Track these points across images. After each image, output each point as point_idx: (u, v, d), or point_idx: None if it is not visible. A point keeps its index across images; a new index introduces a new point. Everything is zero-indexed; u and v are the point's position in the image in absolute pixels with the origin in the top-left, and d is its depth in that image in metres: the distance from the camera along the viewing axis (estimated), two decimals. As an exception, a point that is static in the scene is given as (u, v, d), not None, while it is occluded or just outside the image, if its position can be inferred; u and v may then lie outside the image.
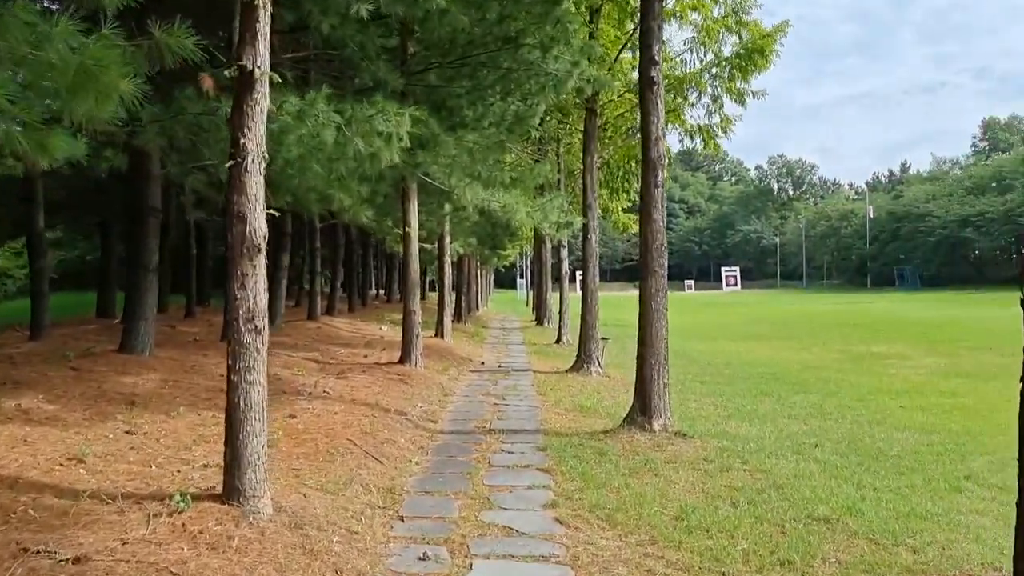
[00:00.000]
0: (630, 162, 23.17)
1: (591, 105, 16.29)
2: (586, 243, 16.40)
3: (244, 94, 5.55)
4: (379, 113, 7.51)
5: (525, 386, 14.24)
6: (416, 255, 14.06)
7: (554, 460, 8.48)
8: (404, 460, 8.27)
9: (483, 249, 36.04)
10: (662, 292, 9.95)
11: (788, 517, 6.67)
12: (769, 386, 15.31)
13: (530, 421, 10.81)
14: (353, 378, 12.37)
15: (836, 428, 10.98)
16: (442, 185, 12.10)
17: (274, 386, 10.77)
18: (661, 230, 9.93)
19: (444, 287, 21.55)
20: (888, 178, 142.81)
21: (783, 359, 21.09)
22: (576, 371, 16.24)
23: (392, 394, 11.57)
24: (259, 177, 5.57)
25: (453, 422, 10.64)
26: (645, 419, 9.78)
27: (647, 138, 9.93)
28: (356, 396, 10.95)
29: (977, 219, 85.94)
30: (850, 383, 15.79)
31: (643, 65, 10.03)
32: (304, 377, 12.02)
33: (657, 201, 9.89)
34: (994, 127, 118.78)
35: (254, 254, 5.53)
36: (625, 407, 12.40)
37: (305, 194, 9.17)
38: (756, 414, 12.08)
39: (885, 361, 20.07)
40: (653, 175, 9.88)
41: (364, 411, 9.95)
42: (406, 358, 14.17)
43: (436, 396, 12.44)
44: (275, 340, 16.46)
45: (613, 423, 10.59)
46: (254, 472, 5.56)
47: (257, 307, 5.57)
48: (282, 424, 8.62)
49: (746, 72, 15.93)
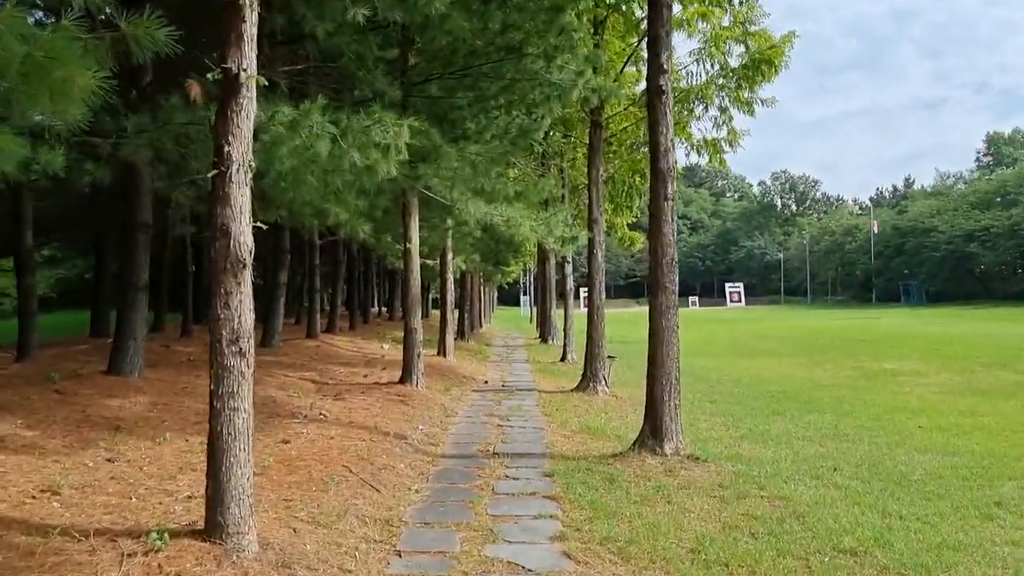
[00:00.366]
0: (635, 176, 22.85)
1: (596, 118, 15.92)
2: (592, 258, 15.99)
3: (229, 99, 5.17)
4: (376, 124, 7.12)
5: (530, 406, 13.80)
6: (417, 271, 13.66)
7: (561, 487, 8.04)
8: (403, 488, 7.83)
9: (486, 265, 35.67)
10: (673, 309, 9.53)
11: (812, 550, 6.22)
12: (781, 405, 14.86)
13: (535, 444, 10.37)
14: (351, 399, 11.94)
15: (854, 450, 10.52)
16: (444, 199, 11.71)
17: (268, 409, 10.38)
18: (671, 244, 9.52)
19: (446, 304, 21.15)
20: (892, 193, 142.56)
21: (793, 376, 20.65)
22: (582, 390, 15.79)
23: (392, 416, 11.14)
24: (245, 188, 5.18)
25: (455, 445, 10.20)
26: (656, 442, 9.33)
27: (656, 149, 9.54)
28: (354, 418, 10.52)
29: (982, 234, 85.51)
30: (864, 402, 15.34)
31: (651, 73, 9.65)
32: (300, 399, 11.60)
33: (667, 214, 9.49)
34: (998, 141, 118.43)
35: (239, 270, 5.13)
36: (634, 428, 11.97)
37: (300, 208, 8.78)
38: (769, 435, 11.64)
39: (898, 378, 19.63)
40: (663, 187, 9.48)
41: (362, 435, 9.52)
42: (407, 378, 13.74)
43: (438, 417, 12.00)
44: (272, 359, 16.07)
45: (622, 446, 10.15)
46: (238, 507, 5.13)
47: (242, 327, 5.16)
48: (274, 450, 8.20)
49: (753, 82, 15.57)
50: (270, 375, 13.52)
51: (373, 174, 7.39)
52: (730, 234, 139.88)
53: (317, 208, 8.82)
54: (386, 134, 7.09)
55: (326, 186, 8.12)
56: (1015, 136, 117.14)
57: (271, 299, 18.32)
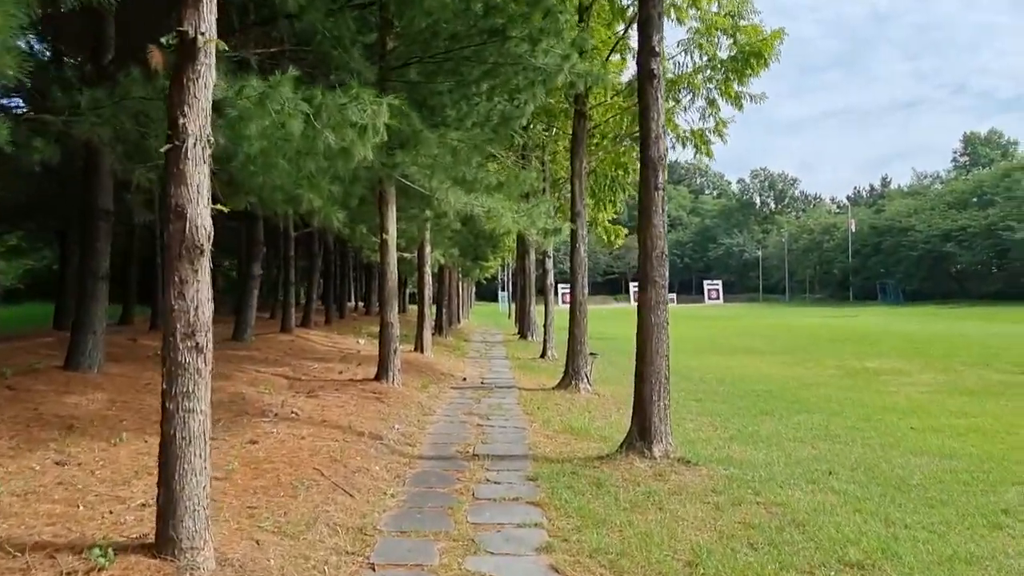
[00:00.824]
0: (618, 170, 22.44)
1: (580, 107, 15.46)
2: (574, 252, 15.54)
3: (185, 66, 4.65)
4: (353, 101, 6.60)
5: (510, 405, 13.32)
6: (394, 264, 13.13)
7: (546, 492, 7.58)
8: (378, 492, 7.33)
9: (464, 260, 35.14)
10: (663, 304, 9.09)
11: (816, 562, 5.81)
12: (768, 405, 14.49)
13: (517, 445, 9.90)
14: (325, 396, 11.41)
15: (847, 453, 10.15)
16: (422, 188, 11.19)
17: (236, 406, 9.84)
18: (662, 236, 9.08)
19: (424, 299, 20.61)
20: (869, 192, 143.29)
21: (778, 375, 20.32)
22: (564, 388, 15.35)
23: (367, 414, 10.62)
24: (202, 165, 4.66)
25: (433, 446, 9.71)
26: (644, 444, 8.89)
27: (646, 135, 9.09)
28: (327, 417, 10.00)
29: (959, 234, 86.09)
30: (852, 401, 15.01)
31: (642, 57, 9.19)
32: (271, 396, 11.05)
33: (657, 204, 9.04)
34: (974, 142, 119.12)
35: (195, 256, 4.61)
36: (618, 427, 11.54)
37: (270, 194, 8.22)
38: (759, 436, 11.25)
39: (882, 377, 19.35)
40: (653, 176, 9.04)
41: (335, 435, 9.00)
42: (383, 374, 13.21)
43: (415, 416, 11.50)
44: (244, 354, 15.49)
45: (608, 447, 9.71)
46: (193, 519, 4.62)
47: (199, 320, 4.64)
48: (240, 452, 7.67)
49: (742, 75, 15.16)
50: (241, 370, 12.97)
51: (349, 157, 6.87)
52: (709, 231, 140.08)
53: (289, 194, 8.25)
54: (363, 113, 6.57)
55: (299, 170, 7.58)
56: (991, 136, 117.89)
57: (244, 292, 17.69)
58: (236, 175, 7.42)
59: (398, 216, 14.62)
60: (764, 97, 15.42)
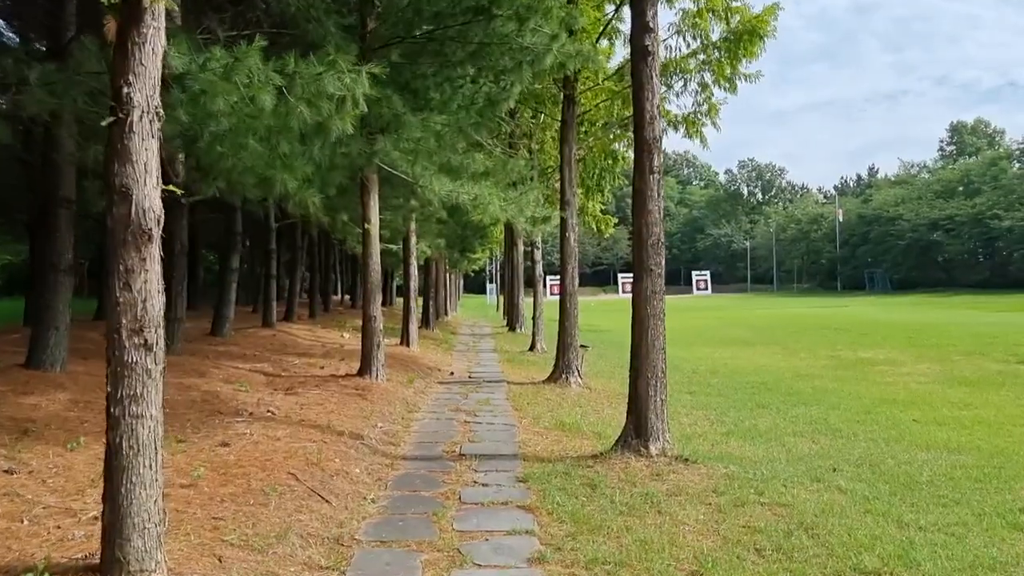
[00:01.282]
0: (607, 159, 21.98)
1: (569, 92, 14.96)
2: (564, 242, 15.04)
3: (129, 29, 4.13)
4: (329, 70, 6.08)
5: (499, 400, 12.84)
6: (377, 255, 12.60)
7: (537, 495, 7.11)
8: (357, 497, 6.84)
9: (452, 252, 34.63)
10: (659, 294, 8.61)
11: (830, 571, 5.37)
12: (764, 397, 14.07)
13: (506, 443, 9.42)
14: (305, 394, 10.89)
15: (850, 448, 9.73)
16: (405, 175, 10.67)
17: (209, 405, 9.32)
18: (658, 223, 8.60)
19: (410, 291, 20.08)
20: (856, 182, 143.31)
21: (771, 366, 19.91)
22: (554, 382, 14.87)
23: (348, 412, 10.11)
24: (151, 141, 4.15)
25: (418, 445, 9.22)
26: (640, 442, 8.43)
27: (640, 116, 8.60)
28: (306, 416, 9.48)
29: (946, 223, 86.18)
30: (849, 393, 14.60)
31: (635, 33, 8.70)
32: (248, 393, 10.52)
33: (653, 189, 8.56)
34: (961, 131, 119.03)
35: (143, 243, 4.11)
36: (611, 423, 11.09)
37: (240, 177, 7.67)
38: (757, 431, 10.82)
39: (877, 368, 18.96)
40: (648, 159, 8.55)
41: (313, 435, 8.49)
42: (366, 370, 12.69)
43: (399, 413, 11.01)
44: (222, 350, 14.95)
45: (602, 445, 9.25)
46: (142, 538, 4.12)
47: (147, 314, 4.13)
48: (209, 456, 7.16)
49: (736, 57, 14.69)
50: (218, 367, 12.43)
51: (326, 134, 6.36)
52: (696, 222, 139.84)
53: (260, 176, 7.69)
54: (341, 83, 6.04)
55: (272, 150, 7.05)
56: (978, 126, 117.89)
57: (222, 285, 17.12)
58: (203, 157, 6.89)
59: (382, 206, 14.11)
60: (760, 76, 14.94)
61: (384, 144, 9.68)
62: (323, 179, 9.24)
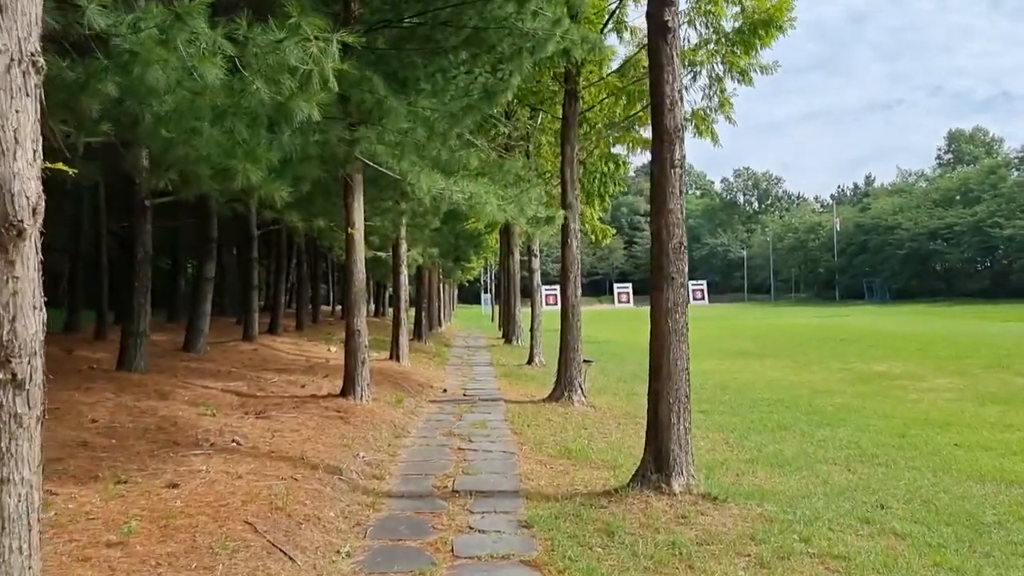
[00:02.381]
0: (608, 164, 20.91)
1: (571, 87, 13.85)
2: (566, 249, 13.91)
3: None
4: (291, 36, 4.95)
5: (496, 422, 11.68)
6: (362, 262, 11.43)
7: (544, 545, 5.96)
8: (329, 551, 5.69)
9: (446, 262, 33.48)
10: (681, 307, 7.49)
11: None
12: (783, 416, 12.96)
13: (506, 476, 8.26)
14: (279, 417, 9.71)
15: (893, 479, 8.63)
16: (390, 171, 9.53)
17: (164, 435, 8.14)
18: (679, 224, 7.48)
19: (400, 302, 18.88)
20: (853, 191, 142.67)
21: (783, 380, 18.82)
22: (555, 400, 13.71)
23: (327, 440, 8.94)
24: (24, 100, 3.02)
25: (405, 479, 8.07)
26: (662, 477, 7.29)
27: (660, 102, 7.49)
28: (277, 445, 8.30)
29: (946, 231, 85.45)
30: (875, 411, 13.51)
31: (654, 6, 7.60)
32: (213, 418, 9.32)
33: (674, 185, 7.44)
34: (959, 139, 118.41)
35: (9, 240, 2.96)
36: (621, 449, 9.96)
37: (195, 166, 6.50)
38: (784, 458, 9.71)
39: (897, 382, 17.89)
40: (668, 150, 7.43)
41: (283, 469, 7.32)
42: (350, 390, 11.48)
43: (385, 439, 9.84)
44: (194, 367, 13.75)
45: (615, 478, 8.12)
46: (8, 646, 2.96)
47: (16, 339, 2.98)
48: (151, 501, 5.98)
49: (751, 46, 13.61)
50: (185, 386, 11.25)
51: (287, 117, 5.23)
52: (692, 231, 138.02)
53: (217, 166, 6.51)
54: (305, 54, 4.91)
55: (229, 136, 5.91)
56: (976, 134, 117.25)
57: (196, 296, 15.85)
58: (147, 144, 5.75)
59: (369, 209, 12.99)
60: (776, 67, 13.87)
61: (365, 134, 8.54)
62: (296, 172, 8.08)
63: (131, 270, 11.76)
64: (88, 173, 10.28)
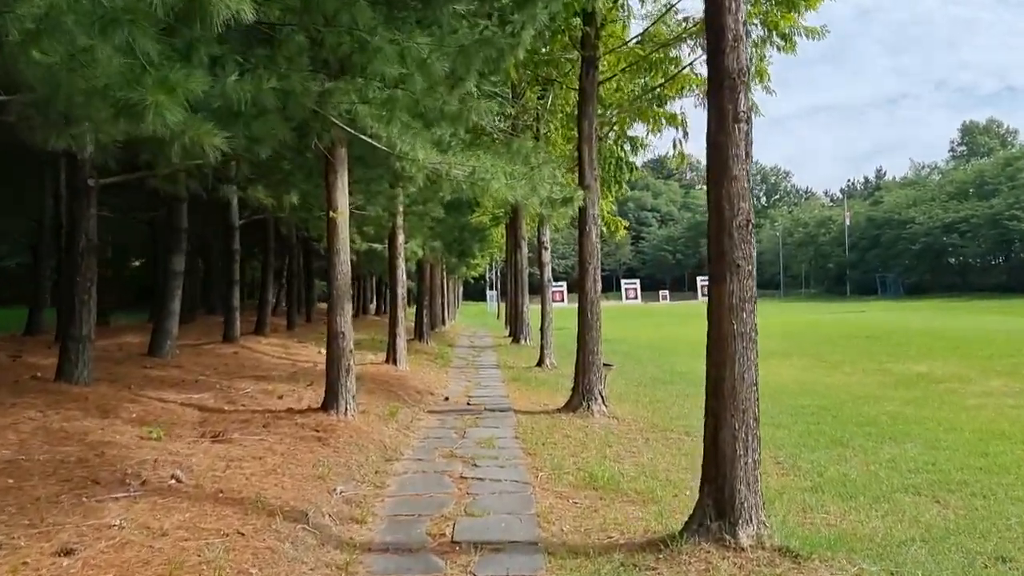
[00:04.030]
0: (624, 146, 19.17)
1: (589, 53, 12.09)
2: (584, 238, 12.14)
3: None
4: None
5: (506, 440, 9.94)
6: (346, 252, 9.65)
7: (578, 638, 4.26)
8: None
9: (450, 257, 31.72)
10: (749, 302, 5.77)
11: None
12: (833, 429, 11.23)
13: (520, 518, 6.52)
14: (241, 440, 7.95)
15: (999, 515, 6.92)
16: (375, 140, 7.77)
17: (86, 468, 6.37)
18: (745, 195, 5.75)
19: (397, 298, 17.08)
20: (864, 184, 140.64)
21: (816, 383, 17.07)
22: (572, 410, 11.97)
23: (296, 470, 7.20)
24: None
25: (392, 523, 6.35)
26: (724, 526, 5.56)
27: (719, 36, 5.74)
28: (229, 482, 6.53)
29: (961, 224, 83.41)
30: (936, 422, 11.76)
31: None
32: (158, 443, 7.55)
33: (739, 144, 5.69)
34: (973, 131, 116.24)
35: None
36: (657, 475, 8.24)
37: (88, 106, 4.69)
38: (853, 485, 8.02)
39: (944, 386, 16.11)
40: (731, 99, 5.69)
41: (229, 518, 5.59)
42: (332, 403, 9.70)
43: (372, 465, 8.12)
44: (156, 375, 12.00)
45: (657, 519, 6.43)
46: None
47: None
48: (23, 580, 4.27)
49: (795, 6, 11.87)
50: (137, 400, 9.50)
51: (203, 14, 3.52)
52: (701, 226, 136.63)
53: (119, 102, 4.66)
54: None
55: (130, 59, 4.17)
56: (990, 126, 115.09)
57: (163, 294, 14.00)
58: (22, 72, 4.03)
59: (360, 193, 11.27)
60: (826, 31, 12.10)
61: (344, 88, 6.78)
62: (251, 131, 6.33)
63: (70, 262, 10.03)
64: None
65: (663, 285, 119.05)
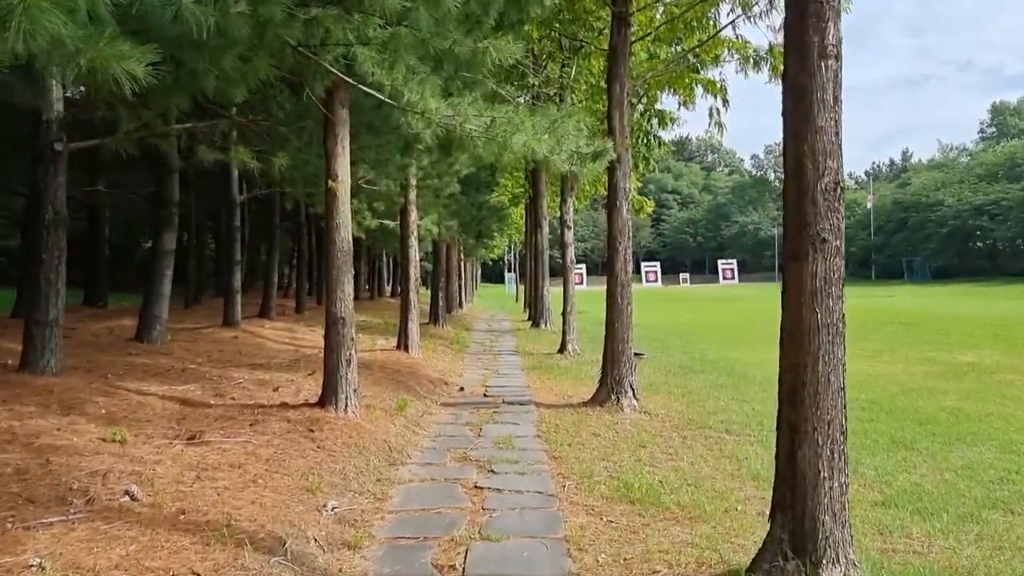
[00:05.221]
0: (652, 120, 17.99)
1: (620, 8, 10.88)
2: (614, 213, 10.98)
3: None
4: None
5: (527, 439, 8.82)
6: (347, 227, 8.48)
7: None
8: None
9: (467, 237, 30.60)
10: (836, 286, 4.60)
11: None
12: (889, 427, 10.09)
13: (545, 543, 5.41)
14: (221, 443, 6.86)
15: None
16: (379, 92, 6.64)
17: (23, 481, 5.28)
18: (833, 151, 4.55)
19: (409, 279, 15.96)
20: (890, 167, 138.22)
21: (859, 373, 15.80)
22: (600, 404, 10.85)
23: (281, 480, 6.11)
24: None
25: (391, 549, 5.25)
26: (805, 566, 4.42)
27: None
28: (195, 497, 5.43)
29: (992, 207, 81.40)
30: (1006, 420, 10.59)
31: None
32: (120, 446, 6.44)
33: (824, 87, 4.51)
34: (1003, 112, 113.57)
35: None
36: (703, 485, 7.10)
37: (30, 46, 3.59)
38: (931, 499, 6.89)
39: (998, 376, 14.89)
40: (816, 31, 4.51)
41: (185, 551, 4.49)
42: (330, 397, 8.58)
43: (373, 471, 7.03)
44: (139, 363, 10.92)
45: (709, 543, 5.34)
46: None
47: None
48: None
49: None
50: (110, 393, 8.43)
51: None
52: (722, 209, 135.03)
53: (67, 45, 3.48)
54: None
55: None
56: (1021, 106, 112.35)
57: (152, 274, 12.85)
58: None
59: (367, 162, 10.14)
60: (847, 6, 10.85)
61: (333, 27, 5.64)
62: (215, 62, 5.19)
63: (34, 237, 8.92)
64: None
65: (683, 268, 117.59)
